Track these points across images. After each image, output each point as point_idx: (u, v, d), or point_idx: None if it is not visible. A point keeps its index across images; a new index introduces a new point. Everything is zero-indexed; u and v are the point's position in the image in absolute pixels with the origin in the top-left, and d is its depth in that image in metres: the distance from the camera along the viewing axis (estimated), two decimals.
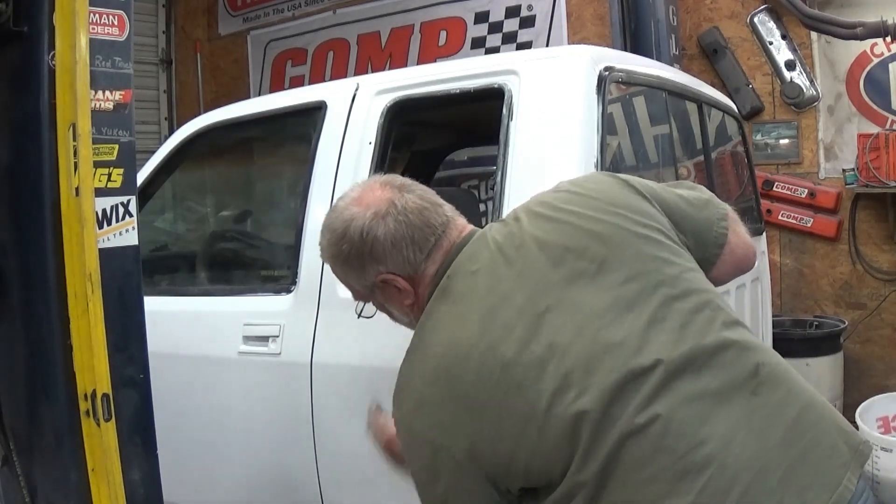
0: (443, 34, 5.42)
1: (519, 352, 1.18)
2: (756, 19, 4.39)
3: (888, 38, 3.90)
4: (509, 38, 5.17)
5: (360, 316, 1.60)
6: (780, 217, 4.35)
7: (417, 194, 1.37)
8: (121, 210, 1.61)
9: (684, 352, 1.15)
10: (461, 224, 1.38)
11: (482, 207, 4.10)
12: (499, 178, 1.96)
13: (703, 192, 1.44)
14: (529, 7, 5.10)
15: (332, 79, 5.63)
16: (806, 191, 4.29)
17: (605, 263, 1.23)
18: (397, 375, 1.30)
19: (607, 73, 2.01)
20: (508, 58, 2.45)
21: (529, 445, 1.15)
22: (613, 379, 1.13)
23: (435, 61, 4.95)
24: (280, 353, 2.20)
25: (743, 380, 1.16)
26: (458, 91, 2.12)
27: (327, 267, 2.14)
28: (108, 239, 1.58)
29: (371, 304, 1.46)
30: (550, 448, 1.14)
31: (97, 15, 1.56)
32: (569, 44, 4.79)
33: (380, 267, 1.33)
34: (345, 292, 2.08)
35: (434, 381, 1.23)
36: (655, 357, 1.14)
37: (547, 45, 4.90)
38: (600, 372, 1.14)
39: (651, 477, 1.09)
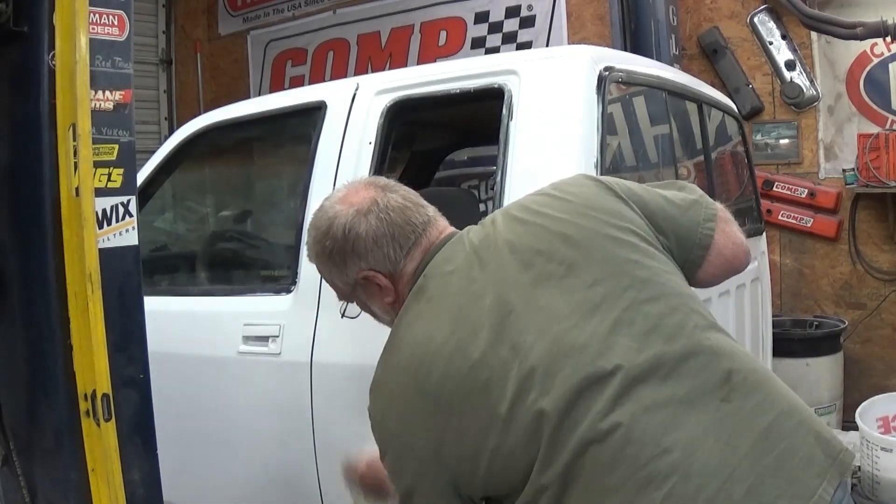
0: (443, 34, 5.42)
1: (485, 352, 1.19)
2: (756, 19, 4.39)
3: (888, 38, 3.90)
4: (509, 38, 5.17)
5: (343, 315, 1.62)
6: (780, 217, 4.35)
7: (400, 194, 1.40)
8: (121, 210, 1.61)
9: (648, 357, 1.15)
10: (442, 225, 1.41)
11: (482, 207, 4.10)
12: (499, 178, 1.96)
13: (692, 193, 1.42)
14: (529, 7, 5.10)
15: (332, 79, 5.63)
16: (806, 191, 4.29)
17: (573, 266, 1.24)
18: (375, 369, 1.33)
19: (607, 73, 2.01)
20: (508, 58, 2.45)
21: (491, 446, 1.17)
22: (573, 382, 1.14)
23: (435, 61, 4.95)
24: (280, 353, 2.20)
25: (713, 386, 1.14)
26: (458, 91, 2.12)
27: None
28: (108, 239, 1.58)
29: (355, 303, 1.48)
30: (512, 449, 1.15)
31: (97, 15, 1.56)
32: (569, 44, 4.78)
33: (361, 263, 1.36)
34: None
35: (404, 377, 1.26)
36: (617, 362, 1.14)
37: (547, 45, 4.90)
38: (561, 375, 1.15)
39: (615, 486, 1.09)
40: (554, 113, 1.98)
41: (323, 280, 2.12)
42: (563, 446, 1.12)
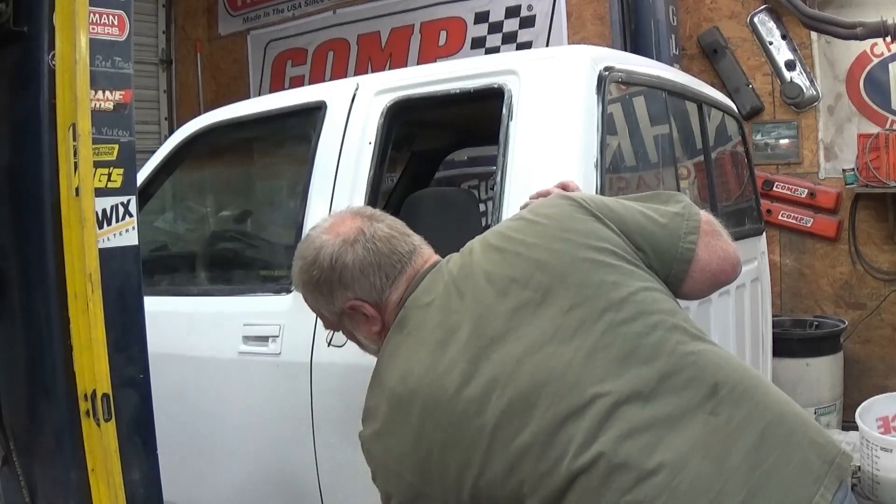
0: (443, 34, 5.42)
1: (461, 386, 1.20)
2: (756, 19, 4.39)
3: (888, 38, 3.90)
4: (509, 38, 5.17)
5: (329, 344, 1.63)
6: (780, 217, 4.35)
7: (387, 224, 1.42)
8: (121, 210, 1.61)
9: (628, 381, 1.14)
10: (427, 254, 1.42)
11: (482, 207, 4.10)
12: (499, 178, 1.96)
13: (675, 205, 1.38)
14: (529, 7, 5.10)
15: (332, 79, 5.63)
16: (806, 191, 4.29)
17: (549, 292, 1.23)
18: (366, 400, 1.36)
19: (607, 73, 2.00)
20: (508, 58, 2.45)
21: (472, 478, 1.18)
22: (552, 414, 1.13)
23: (435, 61, 4.95)
24: (280, 353, 2.20)
25: (699, 401, 1.13)
26: (458, 91, 2.12)
27: None
28: (108, 239, 1.58)
29: (341, 332, 1.49)
30: (493, 481, 1.16)
31: (97, 15, 1.56)
32: (569, 44, 4.78)
33: (348, 293, 1.37)
34: None
35: (388, 410, 1.28)
36: (595, 390, 1.13)
37: (547, 45, 4.90)
38: (540, 406, 1.14)
39: None
40: (554, 113, 1.97)
41: None
42: (547, 478, 1.12)
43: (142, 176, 2.62)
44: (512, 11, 5.17)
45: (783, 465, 1.10)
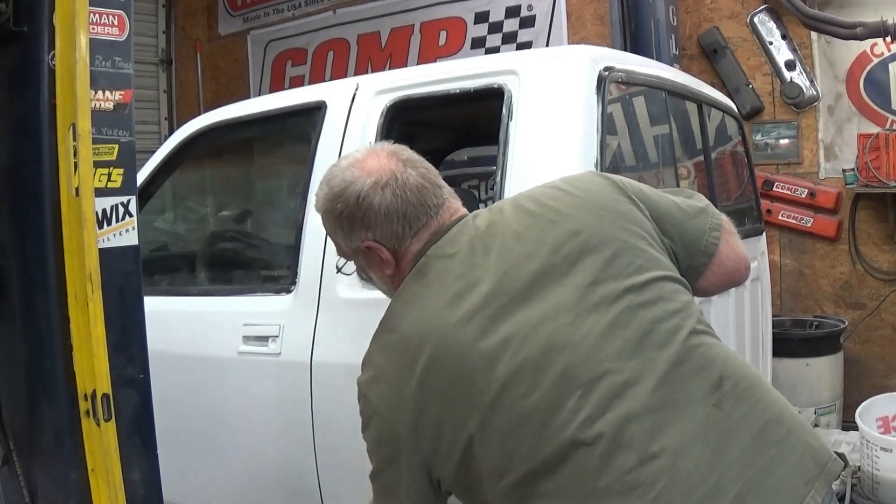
0: (443, 34, 5.42)
1: (476, 339, 1.19)
2: (756, 19, 4.39)
3: (888, 38, 3.90)
4: (509, 38, 5.17)
5: (339, 271, 1.63)
6: (780, 217, 4.35)
7: (420, 172, 1.38)
8: (121, 210, 1.61)
9: (641, 363, 1.15)
10: (454, 207, 1.40)
11: (482, 207, 4.09)
12: (499, 178, 1.96)
13: (700, 201, 1.43)
14: (529, 7, 5.10)
15: (332, 79, 5.63)
16: (806, 191, 4.29)
17: (576, 263, 1.24)
18: (370, 341, 1.34)
19: (607, 73, 2.00)
20: (508, 58, 2.45)
21: (468, 435, 1.17)
22: (562, 382, 1.14)
23: (435, 61, 4.95)
24: (280, 353, 2.20)
25: (703, 393, 1.15)
26: (458, 91, 2.12)
27: (327, 267, 2.17)
28: (108, 239, 1.58)
29: (353, 263, 1.48)
30: (490, 442, 1.16)
31: (97, 15, 1.56)
32: (569, 44, 4.78)
33: (367, 234, 1.35)
34: (345, 292, 2.11)
35: (393, 356, 1.27)
36: (608, 366, 1.14)
37: (547, 45, 4.90)
38: (551, 372, 1.15)
39: (602, 489, 1.09)
40: (554, 113, 1.97)
41: (323, 280, 2.16)
42: (546, 446, 1.12)
43: (142, 176, 2.62)
44: (512, 11, 5.17)
45: (778, 463, 1.12)
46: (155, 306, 1.84)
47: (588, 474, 1.10)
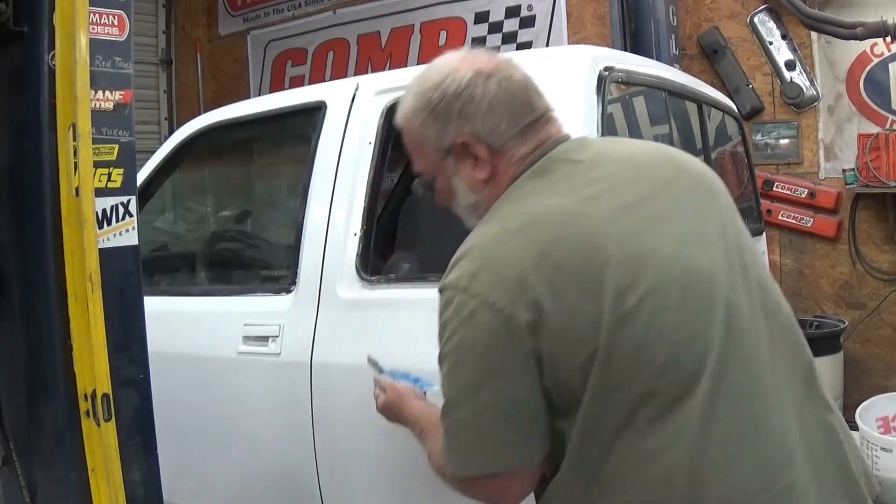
0: (443, 34, 5.42)
1: (616, 241, 1.08)
2: (756, 19, 4.39)
3: (888, 38, 3.90)
4: (509, 38, 5.17)
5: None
6: (780, 217, 4.35)
7: (524, 74, 1.25)
8: (121, 210, 1.61)
9: (762, 324, 1.14)
10: (560, 124, 1.28)
11: None
12: None
13: None
14: (529, 7, 5.10)
15: (332, 79, 5.63)
16: (806, 191, 4.29)
17: (715, 200, 1.22)
18: (465, 242, 1.19)
19: (607, 73, 2.00)
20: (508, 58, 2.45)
21: (596, 338, 1.05)
22: (705, 306, 1.09)
23: None
24: (280, 353, 2.20)
25: (801, 367, 1.19)
26: None
27: (327, 267, 2.17)
28: (108, 239, 1.58)
29: (428, 185, 1.31)
30: (624, 353, 1.05)
31: (97, 15, 1.56)
32: (569, 44, 4.78)
33: (466, 127, 1.19)
34: (345, 292, 2.11)
35: (510, 237, 1.11)
36: (748, 297, 1.13)
37: (547, 45, 4.90)
38: (696, 294, 1.09)
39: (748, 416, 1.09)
40: None
41: (323, 280, 2.16)
42: (692, 362, 1.06)
43: (142, 176, 2.62)
44: (512, 11, 5.17)
45: (842, 464, 1.16)
46: (155, 306, 1.84)
47: (714, 406, 1.06)
